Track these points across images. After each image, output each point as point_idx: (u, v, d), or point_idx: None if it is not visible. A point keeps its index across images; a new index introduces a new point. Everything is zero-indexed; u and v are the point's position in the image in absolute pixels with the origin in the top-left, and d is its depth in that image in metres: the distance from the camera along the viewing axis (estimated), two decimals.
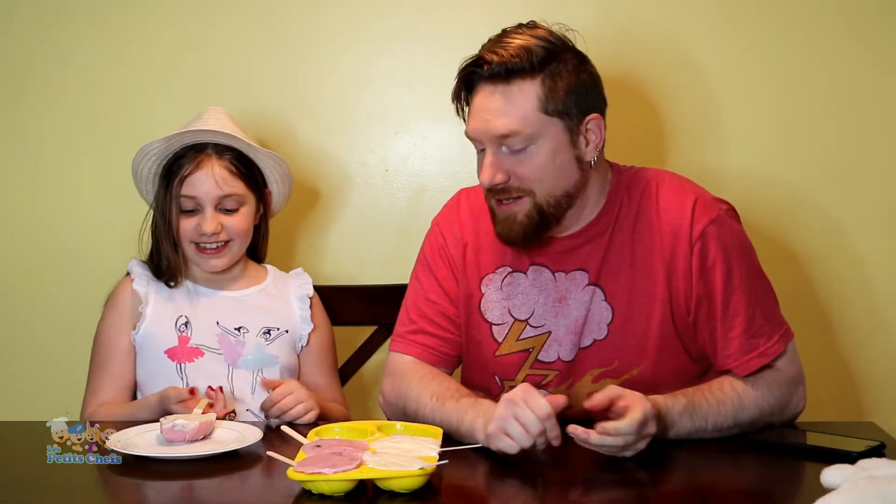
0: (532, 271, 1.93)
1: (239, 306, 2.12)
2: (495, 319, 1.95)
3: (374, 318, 2.36)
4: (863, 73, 2.44)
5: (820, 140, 2.45)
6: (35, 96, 2.54)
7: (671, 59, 2.45)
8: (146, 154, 2.10)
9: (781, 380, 1.85)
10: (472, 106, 1.84)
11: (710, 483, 1.67)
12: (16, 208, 2.55)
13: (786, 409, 1.86)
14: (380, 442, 1.66)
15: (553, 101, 1.79)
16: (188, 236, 2.08)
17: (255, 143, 2.11)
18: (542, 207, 1.83)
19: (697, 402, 1.77)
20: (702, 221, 1.85)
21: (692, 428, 1.76)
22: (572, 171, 1.83)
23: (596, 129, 1.83)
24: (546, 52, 1.79)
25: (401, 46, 2.50)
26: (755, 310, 1.86)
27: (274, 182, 2.17)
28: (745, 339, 1.85)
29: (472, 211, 2.00)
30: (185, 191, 2.06)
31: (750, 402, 1.81)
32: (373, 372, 2.47)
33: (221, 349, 2.08)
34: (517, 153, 1.80)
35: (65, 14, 2.52)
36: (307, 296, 2.18)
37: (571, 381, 1.91)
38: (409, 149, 2.54)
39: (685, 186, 1.92)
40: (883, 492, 1.32)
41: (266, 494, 1.61)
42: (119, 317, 2.10)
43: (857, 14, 2.42)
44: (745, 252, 1.89)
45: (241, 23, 2.52)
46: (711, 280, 1.85)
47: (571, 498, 1.60)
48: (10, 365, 2.58)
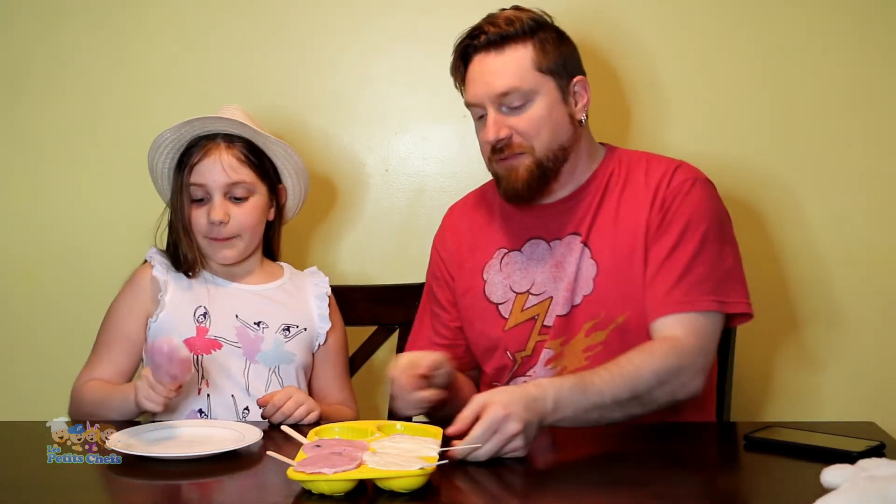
0: (528, 246, 2.04)
1: (258, 300, 2.12)
2: (499, 299, 2.04)
3: (374, 318, 2.37)
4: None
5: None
6: (35, 96, 2.54)
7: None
8: (158, 146, 2.09)
9: (681, 350, 1.84)
10: (468, 74, 1.99)
11: (709, 483, 1.67)
12: (16, 208, 2.56)
13: (685, 385, 1.83)
14: (380, 442, 1.66)
15: (545, 61, 1.95)
16: (199, 229, 2.07)
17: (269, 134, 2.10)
18: (542, 162, 1.96)
19: (588, 378, 1.76)
20: (679, 178, 1.97)
21: (588, 404, 1.74)
22: (567, 127, 1.98)
23: (582, 91, 2.00)
24: (534, 23, 1.97)
25: (401, 46, 2.51)
26: (699, 268, 1.90)
27: (288, 177, 2.16)
28: (674, 285, 1.89)
29: (461, 214, 2.16)
30: (193, 179, 2.05)
31: (647, 370, 1.79)
32: (372, 372, 2.47)
33: (240, 343, 2.07)
34: (516, 110, 1.95)
35: (65, 14, 2.52)
36: (325, 294, 2.18)
37: (566, 337, 1.97)
38: (409, 149, 2.54)
39: (673, 159, 2.04)
40: (883, 492, 1.32)
41: (266, 494, 1.61)
42: (135, 302, 2.09)
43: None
44: (712, 216, 1.95)
45: (242, 23, 2.52)
46: (668, 228, 1.93)
47: (573, 497, 1.59)
48: (10, 365, 2.58)
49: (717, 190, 2.01)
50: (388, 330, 2.36)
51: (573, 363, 1.96)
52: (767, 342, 2.48)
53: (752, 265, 2.25)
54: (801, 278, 2.47)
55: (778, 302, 2.47)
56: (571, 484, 1.64)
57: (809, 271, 2.47)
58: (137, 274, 2.12)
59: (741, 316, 1.95)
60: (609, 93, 2.45)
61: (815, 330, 2.48)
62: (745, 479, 1.69)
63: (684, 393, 1.84)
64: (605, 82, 2.43)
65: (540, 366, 1.99)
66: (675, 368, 1.82)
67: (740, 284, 1.94)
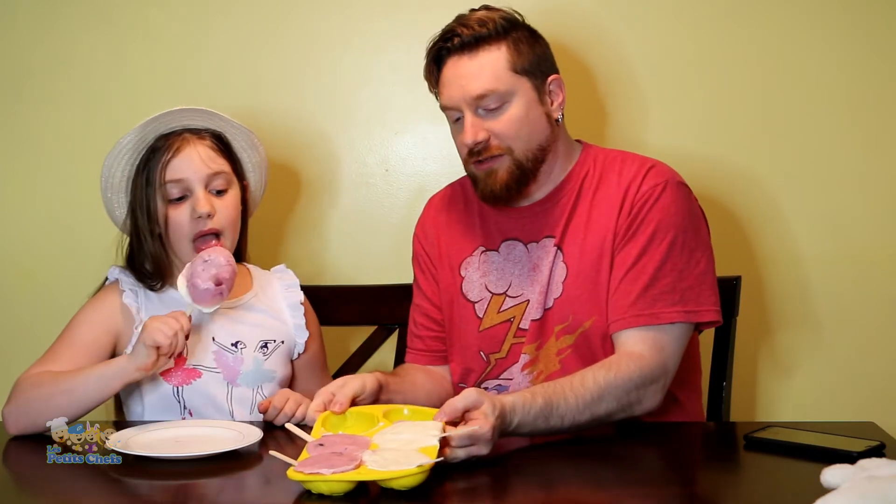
0: (504, 247, 2.03)
1: (232, 319, 2.03)
2: (475, 297, 2.05)
3: (373, 318, 2.36)
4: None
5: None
6: (35, 97, 2.54)
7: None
8: (118, 154, 2.01)
9: (645, 369, 1.82)
10: (443, 78, 1.97)
11: (709, 483, 1.67)
12: (15, 208, 2.56)
13: (642, 403, 1.83)
14: (382, 434, 1.66)
15: (520, 62, 1.94)
16: (182, 230, 1.97)
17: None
18: (522, 162, 1.95)
19: (555, 404, 1.74)
20: (649, 182, 1.94)
21: (545, 428, 1.74)
22: (544, 127, 1.97)
23: (557, 90, 1.99)
24: (506, 23, 1.95)
25: (401, 46, 2.51)
26: (665, 277, 1.88)
27: (251, 170, 2.09)
28: (639, 295, 1.87)
29: (440, 207, 2.16)
30: (170, 175, 1.96)
31: (611, 395, 1.78)
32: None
33: (219, 368, 1.99)
34: (493, 112, 1.93)
35: (65, 14, 2.52)
36: (299, 303, 2.10)
37: (540, 341, 1.97)
38: (409, 149, 2.54)
39: (648, 159, 2.01)
40: (883, 492, 1.32)
41: (266, 494, 1.61)
42: (102, 317, 2.00)
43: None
44: (681, 222, 1.92)
45: (242, 23, 2.52)
46: (635, 234, 1.91)
47: (572, 496, 1.59)
48: (10, 365, 2.57)
49: (691, 191, 1.98)
50: (388, 330, 2.36)
51: (548, 367, 1.96)
52: (768, 342, 2.48)
53: (753, 267, 2.26)
54: (799, 279, 2.47)
55: (778, 302, 2.47)
56: (570, 483, 1.64)
57: (809, 272, 2.47)
58: (106, 297, 2.03)
59: (710, 323, 1.93)
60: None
61: (816, 330, 2.48)
62: (745, 479, 1.69)
63: (641, 410, 1.83)
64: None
65: (517, 370, 1.99)
66: (638, 390, 1.81)
67: (710, 290, 1.91)
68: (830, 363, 2.48)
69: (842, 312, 2.47)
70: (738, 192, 2.45)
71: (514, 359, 2.00)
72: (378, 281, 2.45)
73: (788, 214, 2.46)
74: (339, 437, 1.65)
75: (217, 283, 1.92)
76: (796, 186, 2.45)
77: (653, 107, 2.47)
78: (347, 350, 2.39)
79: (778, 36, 2.44)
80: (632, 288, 1.88)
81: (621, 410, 1.81)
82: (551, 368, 1.96)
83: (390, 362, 2.36)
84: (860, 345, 2.48)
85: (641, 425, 1.87)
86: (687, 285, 1.89)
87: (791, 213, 2.46)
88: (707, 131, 2.47)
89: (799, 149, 2.45)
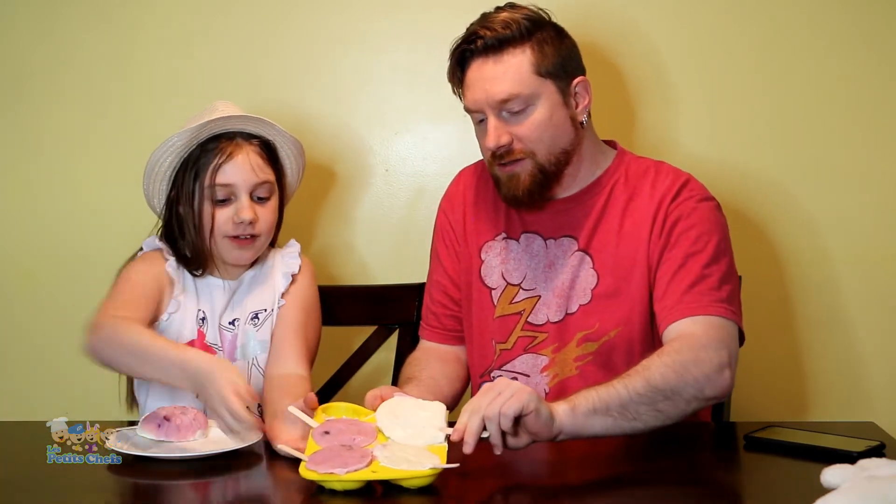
0: (524, 239, 2.02)
1: (228, 295, 2.08)
2: (493, 284, 2.04)
3: (373, 318, 2.36)
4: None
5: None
6: (35, 97, 2.54)
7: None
8: (169, 147, 2.03)
9: (697, 343, 1.76)
10: (466, 80, 1.95)
11: (710, 483, 1.67)
12: (15, 208, 2.55)
13: (702, 369, 1.73)
14: (387, 420, 1.66)
15: (544, 64, 1.91)
16: (223, 229, 2.02)
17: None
18: (544, 166, 1.93)
19: (607, 393, 1.68)
20: (685, 195, 1.93)
21: (610, 423, 1.68)
22: (568, 130, 1.94)
23: (583, 92, 1.96)
24: (531, 23, 1.92)
25: (401, 46, 2.51)
26: (712, 276, 1.86)
27: (292, 178, 2.15)
28: (686, 290, 1.85)
29: (470, 183, 2.12)
30: (220, 179, 2.00)
31: (667, 370, 1.71)
32: (373, 373, 2.47)
33: (222, 345, 2.05)
34: (517, 115, 1.91)
35: (65, 15, 2.52)
36: (291, 273, 2.11)
37: (559, 345, 1.97)
38: (409, 149, 2.54)
39: (682, 172, 1.99)
40: (883, 492, 1.32)
41: (266, 494, 1.61)
42: (155, 279, 2.02)
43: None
44: (719, 237, 1.92)
45: (242, 23, 2.52)
46: (676, 243, 1.89)
47: (572, 496, 1.59)
48: (9, 365, 2.58)
49: (722, 211, 1.97)
50: (388, 330, 2.36)
51: (564, 371, 1.96)
52: (768, 342, 2.47)
53: (753, 266, 2.26)
54: (801, 279, 2.47)
55: (777, 302, 2.47)
56: (570, 483, 1.64)
57: (810, 272, 2.47)
58: (153, 258, 2.06)
59: (740, 336, 1.88)
60: (613, 91, 2.44)
61: (816, 330, 2.47)
62: (745, 479, 1.69)
63: (713, 389, 1.74)
64: (608, 80, 2.42)
65: (529, 368, 1.98)
66: (692, 360, 1.73)
67: (741, 306, 1.90)
68: (830, 363, 2.48)
69: (842, 312, 2.47)
70: (739, 192, 2.45)
71: (518, 352, 1.99)
72: (378, 281, 2.45)
73: (788, 214, 2.46)
74: (343, 423, 1.65)
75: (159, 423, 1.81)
76: (803, 186, 2.45)
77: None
78: (347, 350, 2.39)
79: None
80: (679, 287, 1.86)
81: (686, 386, 1.71)
82: (567, 373, 1.95)
83: (390, 362, 2.35)
84: (860, 345, 2.48)
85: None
86: (731, 288, 1.88)
87: (791, 213, 2.46)
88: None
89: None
